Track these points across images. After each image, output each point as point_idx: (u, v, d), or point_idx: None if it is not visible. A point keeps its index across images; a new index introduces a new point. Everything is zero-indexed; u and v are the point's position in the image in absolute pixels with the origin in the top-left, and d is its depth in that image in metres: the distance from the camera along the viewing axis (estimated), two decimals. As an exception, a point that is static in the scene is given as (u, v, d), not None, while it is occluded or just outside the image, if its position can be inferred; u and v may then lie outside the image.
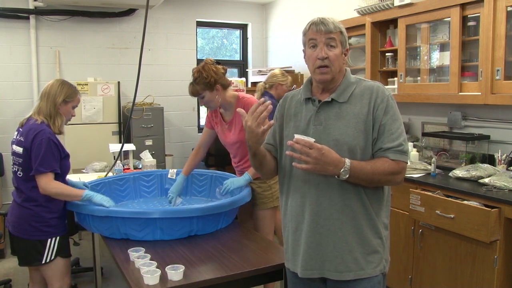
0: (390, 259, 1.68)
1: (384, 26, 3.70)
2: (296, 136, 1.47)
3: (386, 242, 1.64)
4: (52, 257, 2.28)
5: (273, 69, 5.33)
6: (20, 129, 2.33)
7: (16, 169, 2.29)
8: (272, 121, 1.56)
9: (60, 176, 2.34)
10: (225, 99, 2.55)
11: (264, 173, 1.78)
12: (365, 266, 1.56)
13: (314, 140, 1.47)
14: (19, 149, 2.26)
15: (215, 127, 2.73)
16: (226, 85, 2.55)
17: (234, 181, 2.54)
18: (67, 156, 2.36)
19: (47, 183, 2.20)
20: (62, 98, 2.33)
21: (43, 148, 2.19)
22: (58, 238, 2.30)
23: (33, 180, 2.24)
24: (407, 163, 1.58)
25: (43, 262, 2.27)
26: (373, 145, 1.56)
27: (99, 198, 2.26)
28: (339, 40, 1.58)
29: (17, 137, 2.31)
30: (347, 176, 1.48)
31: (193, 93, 2.52)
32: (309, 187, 1.59)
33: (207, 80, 2.45)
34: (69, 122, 2.48)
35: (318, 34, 1.56)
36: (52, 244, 2.28)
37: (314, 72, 1.60)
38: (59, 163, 2.28)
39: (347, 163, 1.47)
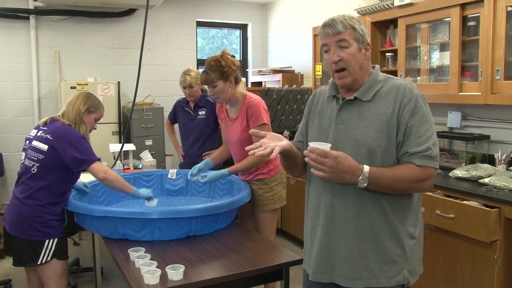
0: (422, 270, 1.59)
1: (384, 26, 3.70)
2: (311, 144, 1.40)
3: (412, 252, 1.53)
4: (48, 258, 2.28)
5: (273, 69, 5.35)
6: (43, 127, 2.36)
7: (31, 165, 2.29)
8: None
9: (71, 182, 2.39)
10: (234, 94, 2.54)
11: (297, 172, 1.74)
12: (378, 275, 1.48)
13: (330, 146, 1.39)
14: (43, 146, 2.28)
15: (221, 122, 2.73)
16: (238, 80, 2.55)
17: (212, 175, 2.56)
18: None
19: (105, 169, 2.34)
20: (86, 107, 2.43)
21: (84, 143, 2.32)
22: (56, 239, 2.30)
23: (44, 180, 2.27)
24: (436, 169, 1.45)
25: (39, 262, 2.27)
26: (398, 149, 1.46)
27: (145, 192, 2.49)
28: (353, 38, 1.49)
29: (40, 134, 2.33)
30: (366, 184, 1.39)
31: (206, 80, 2.48)
32: (324, 188, 1.54)
33: (224, 69, 2.43)
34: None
35: (327, 37, 1.51)
36: (50, 245, 2.28)
37: (333, 77, 1.55)
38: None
39: (366, 170, 1.39)
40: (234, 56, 2.56)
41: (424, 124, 1.45)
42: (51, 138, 2.28)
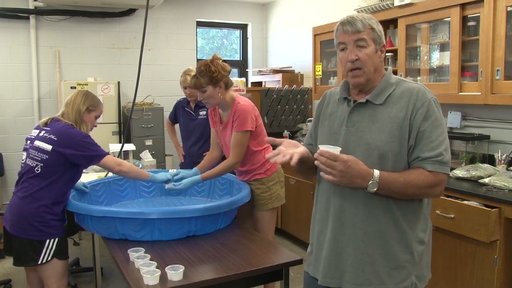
0: (430, 276, 1.58)
1: (384, 26, 3.65)
2: (321, 147, 1.38)
3: (420, 258, 1.51)
4: (49, 258, 2.28)
5: (273, 69, 5.35)
6: (45, 127, 2.36)
7: (34, 164, 2.29)
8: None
9: (72, 181, 2.39)
10: (224, 98, 2.54)
11: (309, 176, 1.73)
12: (386, 281, 1.47)
13: (340, 150, 1.38)
14: (47, 146, 2.28)
15: (213, 126, 2.73)
16: (228, 85, 2.54)
17: (186, 183, 2.52)
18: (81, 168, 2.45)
19: (116, 161, 2.41)
20: (86, 107, 2.44)
21: (91, 141, 2.34)
22: (56, 239, 2.30)
23: (47, 179, 2.27)
24: (448, 174, 1.45)
25: (39, 262, 2.26)
26: (409, 154, 1.44)
27: (162, 176, 2.57)
28: (371, 38, 1.47)
29: (43, 134, 2.33)
30: (376, 189, 1.39)
31: (196, 85, 2.49)
32: (334, 192, 1.53)
33: (214, 75, 2.43)
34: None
35: (346, 35, 1.48)
36: (51, 245, 2.28)
37: (347, 76, 1.53)
38: (79, 168, 2.39)
39: (376, 175, 1.38)
40: (225, 61, 2.55)
41: (436, 129, 1.43)
42: (55, 139, 2.28)
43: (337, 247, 1.52)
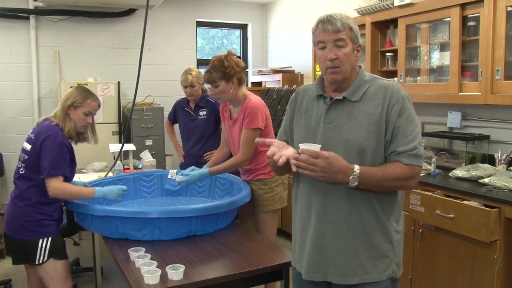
0: (402, 263, 1.63)
1: (384, 26, 3.70)
2: (301, 146, 1.41)
3: (398, 247, 1.58)
4: (45, 258, 2.24)
5: (273, 69, 5.35)
6: (35, 128, 2.34)
7: (20, 165, 2.29)
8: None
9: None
10: (237, 94, 2.54)
11: (283, 172, 1.76)
12: (371, 271, 1.52)
13: (320, 146, 1.42)
14: (28, 146, 2.27)
15: (223, 122, 2.73)
16: (241, 81, 2.55)
17: (194, 175, 2.53)
18: (74, 164, 2.36)
19: (58, 186, 2.19)
20: (70, 102, 2.33)
21: (55, 151, 2.19)
22: (50, 239, 2.25)
23: (31, 180, 2.24)
24: (421, 167, 1.51)
25: (36, 262, 2.24)
26: (386, 148, 1.50)
27: (113, 195, 2.33)
28: (349, 38, 1.52)
29: (29, 134, 2.32)
30: (356, 183, 1.43)
31: (208, 80, 2.50)
32: (315, 189, 1.55)
33: (227, 70, 2.44)
34: None
35: (325, 34, 1.52)
36: (44, 245, 2.23)
37: (325, 73, 1.56)
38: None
39: (356, 170, 1.42)
40: (239, 57, 2.56)
41: (410, 124, 1.49)
42: (33, 138, 2.27)
43: (320, 243, 1.55)
